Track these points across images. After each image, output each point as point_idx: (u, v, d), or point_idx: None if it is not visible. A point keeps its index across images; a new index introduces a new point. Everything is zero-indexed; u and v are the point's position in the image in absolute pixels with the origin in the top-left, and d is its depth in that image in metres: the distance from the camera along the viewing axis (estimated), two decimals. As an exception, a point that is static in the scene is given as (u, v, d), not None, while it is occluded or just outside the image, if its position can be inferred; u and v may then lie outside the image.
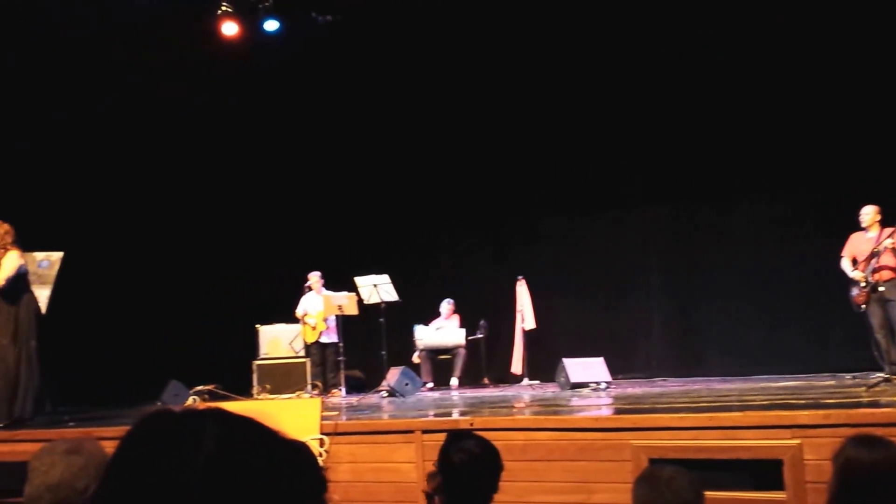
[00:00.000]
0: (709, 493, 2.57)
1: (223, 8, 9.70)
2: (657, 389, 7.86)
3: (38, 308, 7.10)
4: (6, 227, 6.85)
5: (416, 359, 10.07)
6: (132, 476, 0.80)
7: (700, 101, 9.78)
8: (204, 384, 8.69)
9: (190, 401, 8.21)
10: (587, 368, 8.28)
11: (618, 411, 5.80)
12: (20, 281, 6.90)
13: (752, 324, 9.57)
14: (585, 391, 7.86)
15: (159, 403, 8.14)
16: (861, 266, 7.48)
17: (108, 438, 5.00)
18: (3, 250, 6.77)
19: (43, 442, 2.34)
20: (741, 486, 4.08)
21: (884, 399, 5.36)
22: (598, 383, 8.10)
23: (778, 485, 3.99)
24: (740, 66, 9.56)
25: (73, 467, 2.06)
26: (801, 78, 9.24)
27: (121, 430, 5.36)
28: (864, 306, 7.43)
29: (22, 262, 6.89)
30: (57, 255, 8.58)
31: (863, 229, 7.60)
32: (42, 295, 8.35)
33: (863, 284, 7.41)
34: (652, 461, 4.10)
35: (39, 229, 8.86)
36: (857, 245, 7.60)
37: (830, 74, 9.04)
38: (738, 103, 9.59)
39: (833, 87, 9.02)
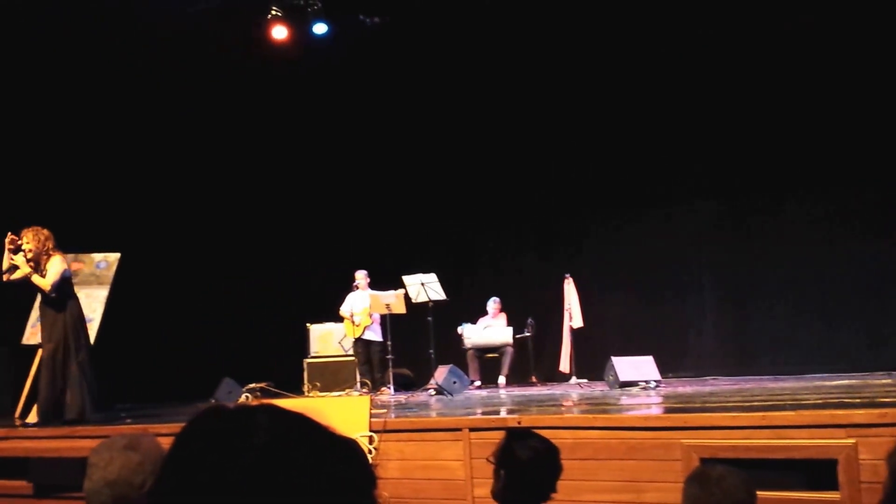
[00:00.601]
0: (761, 493, 2.55)
1: (273, 12, 9.84)
2: (708, 388, 7.76)
3: (81, 311, 7.12)
4: (46, 232, 6.92)
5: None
6: (188, 470, 0.83)
7: (749, 95, 9.63)
8: (256, 382, 8.83)
9: (242, 398, 8.35)
10: (636, 367, 8.20)
11: (668, 410, 5.75)
12: (65, 285, 6.98)
13: (805, 321, 9.38)
14: (635, 390, 7.79)
15: (213, 400, 8.29)
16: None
17: (163, 435, 5.11)
18: (46, 256, 6.86)
19: (102, 438, 2.41)
20: (794, 486, 4.01)
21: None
22: (647, 382, 8.02)
23: (832, 485, 3.92)
24: (790, 59, 9.38)
25: (130, 463, 2.11)
26: (853, 71, 9.03)
27: (176, 426, 5.47)
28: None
29: (65, 266, 6.96)
30: (114, 257, 8.80)
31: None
32: (100, 295, 8.59)
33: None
34: (703, 461, 4.06)
35: (97, 231, 9.15)
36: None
37: (883, 69, 8.82)
38: (788, 96, 9.42)
39: (888, 81, 8.80)
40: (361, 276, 10.14)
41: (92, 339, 8.37)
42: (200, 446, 0.84)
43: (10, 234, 6.89)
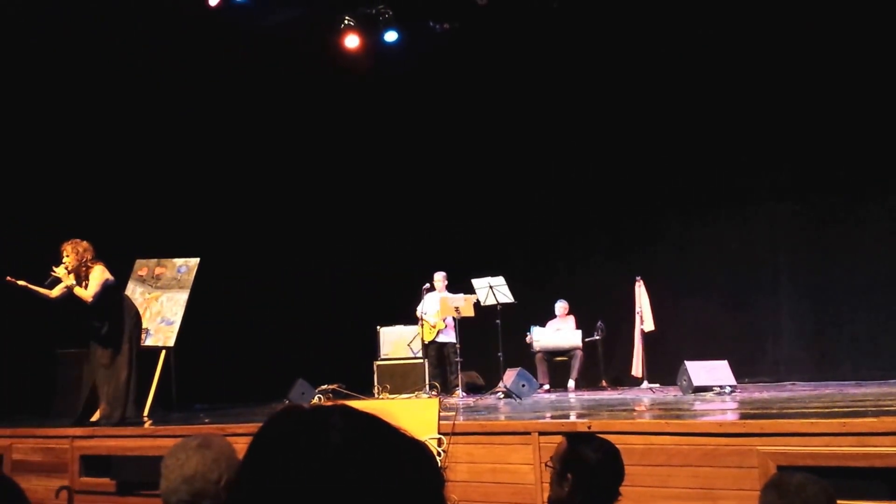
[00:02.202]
0: (841, 502, 2.48)
1: (346, 21, 10.02)
2: (786, 394, 7.56)
3: (125, 317, 7.24)
4: (85, 244, 7.05)
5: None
6: (266, 467, 0.86)
7: (827, 92, 9.35)
8: (328, 383, 8.96)
9: (315, 399, 8.49)
10: (711, 371, 8.03)
11: (744, 416, 5.63)
12: (108, 294, 7.13)
13: (887, 325, 9.04)
14: (709, 395, 7.64)
15: (287, 401, 8.46)
16: None
17: (240, 434, 5.25)
18: (85, 268, 7.02)
19: (181, 437, 2.50)
20: (876, 495, 3.88)
21: None
22: (722, 387, 7.85)
23: (917, 495, 3.78)
24: (871, 55, 9.08)
25: (206, 460, 2.19)
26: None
27: (252, 426, 5.60)
28: None
29: (107, 276, 7.08)
30: (194, 262, 9.08)
31: None
32: (180, 299, 8.87)
33: None
34: (780, 468, 3.96)
35: (178, 237, 9.44)
36: None
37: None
38: (867, 92, 9.11)
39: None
40: (440, 278, 10.16)
41: (172, 342, 8.67)
42: (278, 445, 0.88)
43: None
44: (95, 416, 7.13)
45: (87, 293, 6.99)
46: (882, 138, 9.09)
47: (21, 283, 6.95)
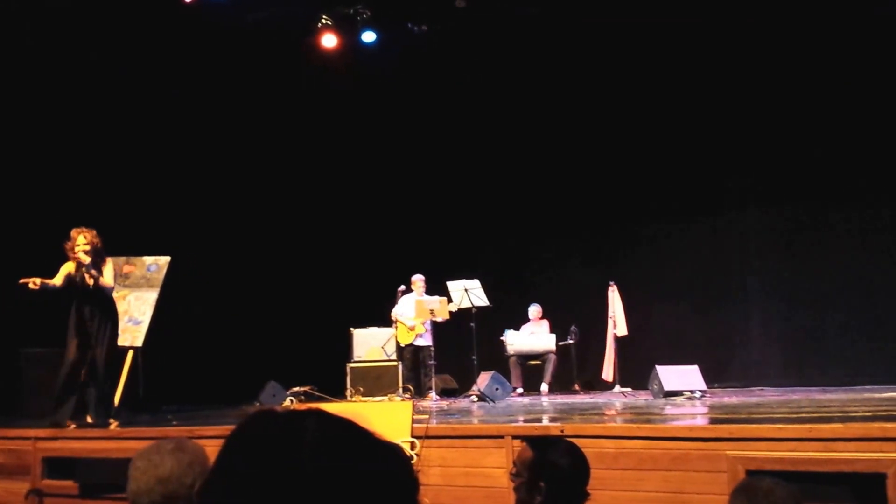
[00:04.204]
0: (808, 507, 2.50)
1: (323, 21, 9.98)
2: (755, 399, 7.63)
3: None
4: (94, 231, 7.01)
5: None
6: (239, 471, 0.85)
7: (797, 101, 9.48)
8: (300, 385, 8.91)
9: (287, 401, 8.44)
10: (681, 376, 8.11)
11: (713, 421, 5.67)
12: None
13: (855, 332, 9.19)
14: (679, 400, 7.70)
15: (258, 403, 8.40)
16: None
17: (210, 437, 5.20)
18: (101, 258, 6.97)
19: (148, 440, 2.47)
20: (842, 499, 3.93)
21: None
22: (692, 392, 7.92)
23: (881, 499, 3.83)
24: (838, 66, 9.22)
25: (181, 463, 2.19)
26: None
27: (223, 429, 5.56)
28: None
29: (113, 270, 7.12)
30: (164, 260, 8.97)
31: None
32: (149, 298, 8.76)
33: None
34: (749, 473, 4.00)
35: (147, 234, 9.33)
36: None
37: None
38: (839, 103, 9.25)
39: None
40: (419, 281, 10.11)
41: (140, 342, 8.56)
42: (252, 449, 0.87)
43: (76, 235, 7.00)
44: (89, 418, 6.99)
45: (109, 281, 6.95)
46: (851, 151, 9.23)
47: (35, 283, 6.69)
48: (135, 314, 8.70)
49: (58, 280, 6.84)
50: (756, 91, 9.71)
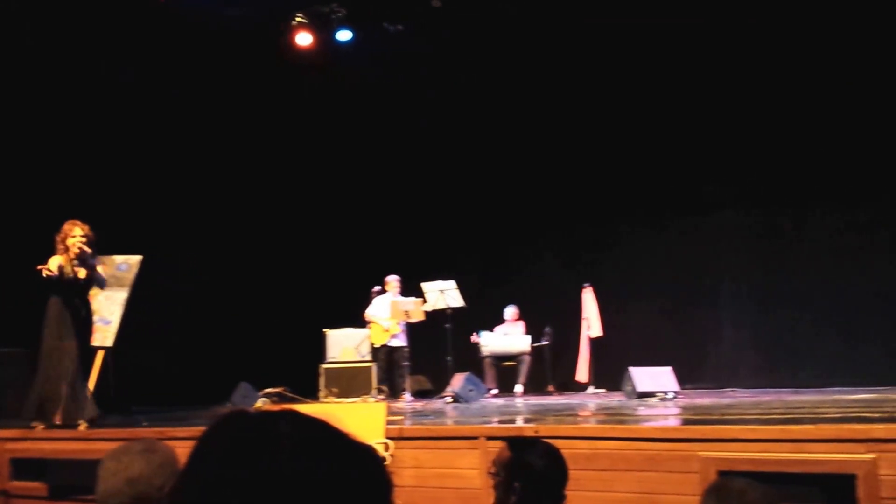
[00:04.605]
0: (779, 508, 2.51)
1: (298, 19, 9.92)
2: (727, 400, 7.70)
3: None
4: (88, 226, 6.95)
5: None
6: (212, 474, 0.84)
7: (774, 105, 9.57)
8: (272, 387, 8.85)
9: (259, 403, 8.38)
10: (654, 377, 8.16)
11: (686, 422, 5.71)
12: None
13: (826, 334, 9.29)
14: (652, 401, 7.74)
15: (229, 405, 8.33)
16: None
17: (181, 438, 5.14)
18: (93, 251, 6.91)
19: (118, 441, 2.44)
20: (813, 500, 3.97)
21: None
22: (665, 393, 7.97)
23: (851, 500, 3.87)
24: (817, 70, 9.32)
25: (151, 465, 2.16)
26: (884, 86, 8.95)
27: (194, 430, 5.50)
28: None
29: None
30: (135, 259, 8.84)
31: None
32: (119, 297, 8.64)
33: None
34: (720, 473, 4.03)
35: (118, 233, 9.20)
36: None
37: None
38: (815, 106, 9.35)
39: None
40: (394, 282, 10.08)
41: (111, 342, 8.46)
42: (224, 450, 0.85)
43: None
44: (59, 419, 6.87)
45: (103, 275, 6.91)
46: (827, 154, 9.33)
47: (50, 270, 6.63)
48: (105, 314, 8.57)
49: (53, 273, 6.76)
50: (732, 94, 9.78)
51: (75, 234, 6.79)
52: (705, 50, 9.74)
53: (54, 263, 6.73)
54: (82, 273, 6.81)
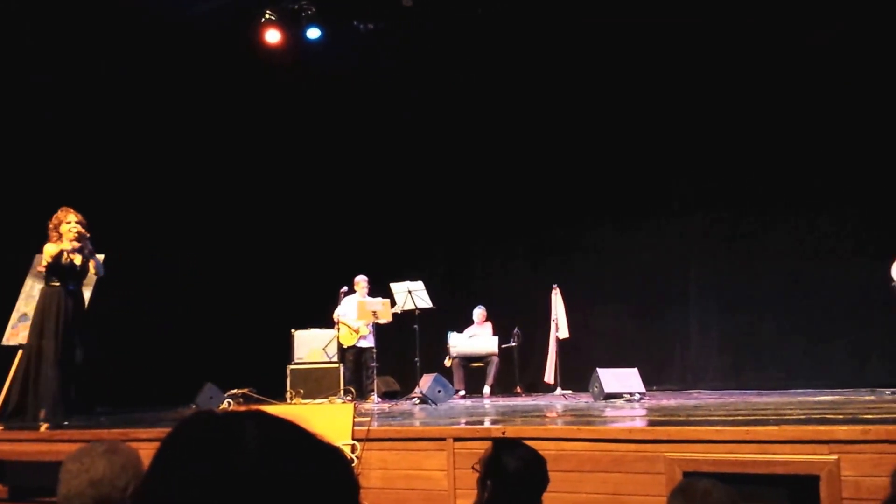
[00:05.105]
0: (744, 508, 2.53)
1: (267, 16, 9.84)
2: (692, 402, 7.77)
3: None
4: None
5: (447, 362, 10.08)
6: (177, 476, 0.82)
7: (741, 112, 9.70)
8: (238, 388, 8.77)
9: (224, 404, 8.29)
10: (621, 379, 8.21)
11: (652, 423, 5.74)
12: None
13: (790, 337, 9.43)
14: (619, 402, 7.79)
15: (194, 406, 8.23)
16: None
17: (145, 440, 5.07)
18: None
19: (81, 442, 2.40)
20: (777, 500, 4.01)
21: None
22: (632, 394, 8.03)
23: (814, 501, 3.92)
24: (785, 79, 9.46)
25: (114, 466, 2.14)
26: (843, 96, 9.11)
27: (158, 431, 5.43)
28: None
29: None
30: (99, 257, 8.68)
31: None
32: (83, 295, 8.48)
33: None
34: (686, 474, 4.06)
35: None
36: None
37: (878, 92, 8.91)
38: (781, 115, 9.50)
39: (879, 105, 8.90)
40: (363, 282, 10.04)
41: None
42: (189, 451, 0.83)
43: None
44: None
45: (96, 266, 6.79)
46: (790, 160, 9.48)
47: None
48: (27, 310, 8.39)
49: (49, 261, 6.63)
50: (699, 98, 9.90)
51: (69, 220, 6.66)
52: (674, 55, 9.85)
53: (49, 253, 6.62)
54: (78, 260, 6.69)
